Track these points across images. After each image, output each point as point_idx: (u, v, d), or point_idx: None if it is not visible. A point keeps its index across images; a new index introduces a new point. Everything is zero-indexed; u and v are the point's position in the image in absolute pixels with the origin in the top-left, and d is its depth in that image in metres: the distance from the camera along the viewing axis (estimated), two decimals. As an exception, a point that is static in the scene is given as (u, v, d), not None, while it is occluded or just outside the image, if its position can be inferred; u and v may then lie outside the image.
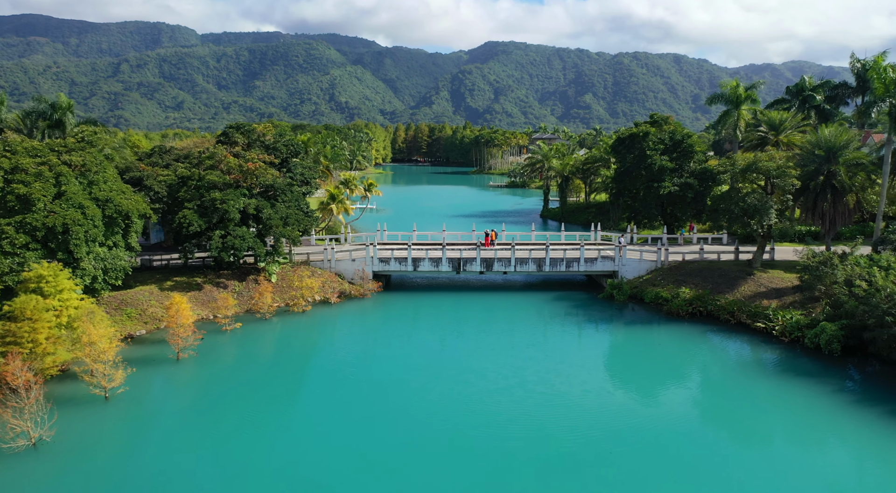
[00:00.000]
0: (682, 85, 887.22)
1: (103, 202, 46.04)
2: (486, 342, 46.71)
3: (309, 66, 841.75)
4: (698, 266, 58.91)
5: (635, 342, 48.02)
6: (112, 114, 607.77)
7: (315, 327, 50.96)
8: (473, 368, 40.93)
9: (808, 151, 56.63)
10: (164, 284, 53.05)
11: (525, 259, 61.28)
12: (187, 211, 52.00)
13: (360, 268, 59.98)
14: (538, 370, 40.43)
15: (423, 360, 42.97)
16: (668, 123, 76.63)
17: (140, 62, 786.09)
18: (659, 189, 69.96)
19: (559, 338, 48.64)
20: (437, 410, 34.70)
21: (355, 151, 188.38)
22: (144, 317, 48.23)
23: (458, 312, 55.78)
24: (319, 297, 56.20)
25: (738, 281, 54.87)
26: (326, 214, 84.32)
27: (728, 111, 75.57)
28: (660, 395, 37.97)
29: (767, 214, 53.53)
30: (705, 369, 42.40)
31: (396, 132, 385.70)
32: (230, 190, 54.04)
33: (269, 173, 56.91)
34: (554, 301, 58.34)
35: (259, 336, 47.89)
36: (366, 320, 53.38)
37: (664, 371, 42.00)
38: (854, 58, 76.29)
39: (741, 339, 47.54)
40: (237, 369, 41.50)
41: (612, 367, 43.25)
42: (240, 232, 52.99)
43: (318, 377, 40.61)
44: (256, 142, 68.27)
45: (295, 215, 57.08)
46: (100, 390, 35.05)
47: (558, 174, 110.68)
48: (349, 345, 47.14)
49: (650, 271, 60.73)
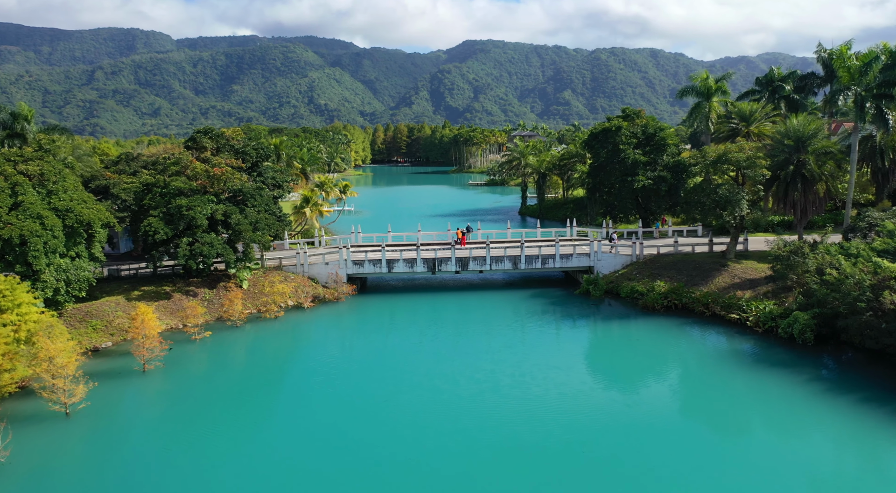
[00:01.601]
0: (660, 79, 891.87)
1: (63, 212, 44.93)
2: (462, 345, 46.04)
3: (287, 70, 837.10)
4: (673, 259, 58.72)
5: (612, 339, 47.69)
6: (87, 122, 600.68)
7: (287, 333, 50.13)
8: (449, 372, 40.18)
9: (777, 142, 56.62)
10: (132, 294, 51.99)
11: (500, 257, 60.79)
12: (153, 219, 50.97)
13: (333, 271, 59.19)
14: (514, 374, 39.68)
15: (399, 365, 42.25)
16: (641, 116, 76.47)
17: (115, 69, 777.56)
18: (633, 183, 69.77)
19: (536, 338, 48.13)
20: (411, 418, 34.02)
21: (333, 153, 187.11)
22: (110, 328, 47.16)
23: (434, 313, 55.16)
24: (292, 302, 55.39)
25: (712, 273, 54.72)
26: (300, 217, 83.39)
27: (699, 103, 75.51)
28: (638, 392, 37.58)
29: (739, 205, 53.42)
30: (682, 363, 42.12)
31: (375, 133, 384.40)
32: (197, 196, 53.06)
33: (236, 178, 55.99)
34: (530, 299, 57.90)
35: (229, 344, 46.99)
36: (340, 324, 52.62)
37: (641, 367, 41.65)
38: (820, 48, 76.33)
39: (716, 331, 47.34)
40: (206, 380, 40.62)
41: (589, 366, 42.77)
42: (208, 239, 52.04)
43: (291, 386, 39.83)
44: (225, 146, 67.33)
45: (265, 220, 56.21)
46: (60, 407, 34.05)
47: (535, 171, 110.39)
48: (322, 351, 46.38)
49: (626, 266, 60.46)
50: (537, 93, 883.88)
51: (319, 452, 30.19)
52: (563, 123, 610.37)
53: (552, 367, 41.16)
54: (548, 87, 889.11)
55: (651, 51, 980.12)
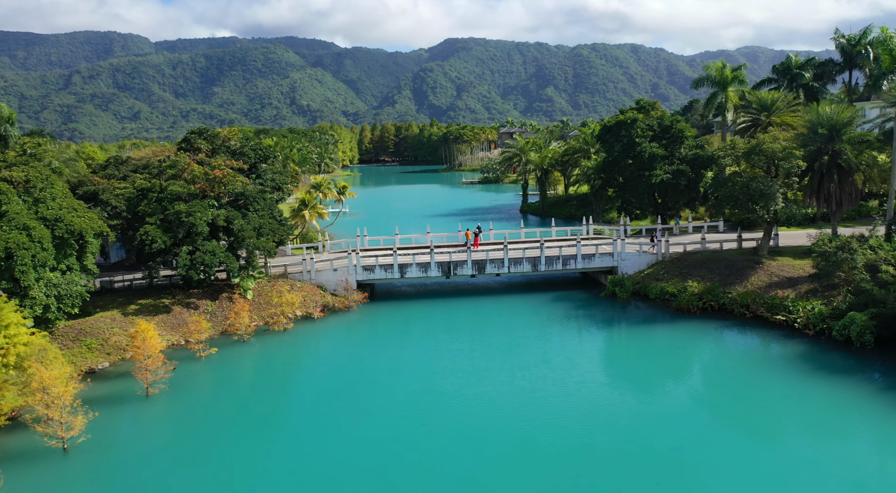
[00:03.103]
0: (641, 74, 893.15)
1: (52, 222, 40.96)
2: (484, 359, 42.37)
3: (268, 71, 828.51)
4: (701, 257, 55.62)
5: (647, 345, 44.36)
6: (66, 127, 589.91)
7: (298, 347, 46.41)
8: (474, 390, 36.75)
9: (810, 131, 53.69)
10: (128, 308, 48.01)
11: (519, 259, 57.36)
12: (149, 226, 47.02)
13: (342, 278, 55.49)
14: (544, 391, 36.08)
15: (416, 382, 38.52)
16: (656, 108, 73.40)
17: (92, 73, 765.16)
18: (651, 178, 66.59)
19: (564, 347, 44.61)
20: (431, 440, 30.65)
21: (322, 153, 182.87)
22: (107, 347, 43.21)
23: (450, 321, 51.59)
24: (301, 312, 51.65)
25: (746, 271, 51.67)
26: (299, 220, 79.50)
27: (715, 94, 72.65)
28: (683, 403, 34.28)
29: (774, 198, 50.43)
30: (731, 370, 38.86)
31: (362, 133, 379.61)
32: (196, 201, 49.17)
33: (238, 181, 52.16)
34: (552, 303, 54.48)
35: (237, 362, 43.21)
36: (353, 335, 48.94)
37: (683, 375, 38.53)
38: (838, 34, 73.92)
39: (761, 334, 44.20)
40: (215, 403, 36.84)
41: (624, 376, 39.38)
42: (209, 247, 48.20)
43: (305, 406, 36.10)
44: (221, 147, 63.54)
45: (269, 225, 52.46)
46: (56, 441, 30.18)
47: (537, 168, 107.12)
48: (336, 367, 42.58)
49: (651, 265, 57.29)
50: (520, 90, 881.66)
51: (340, 479, 26.64)
52: (546, 119, 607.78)
53: (584, 378, 37.84)
54: (530, 84, 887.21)
55: (632, 46, 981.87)
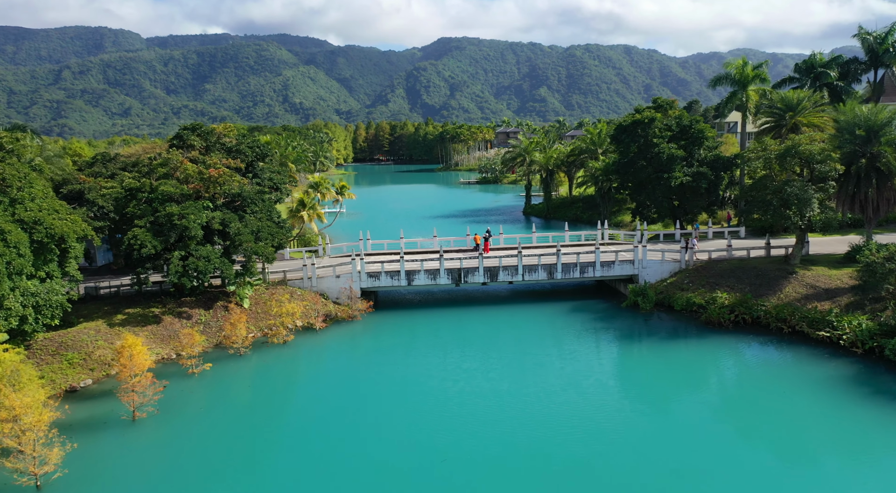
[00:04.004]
0: (634, 75, 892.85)
1: (31, 225, 37.16)
2: (499, 379, 38.74)
3: (260, 68, 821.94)
4: (728, 266, 52.26)
5: (676, 363, 40.76)
6: (55, 123, 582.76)
7: (298, 362, 42.69)
8: (487, 416, 33.26)
9: (846, 132, 50.38)
10: (114, 318, 44.17)
11: (534, 266, 53.81)
12: (138, 230, 43.18)
13: (346, 286, 51.79)
14: (566, 416, 32.66)
15: (425, 403, 34.99)
16: (674, 107, 70.06)
17: (83, 69, 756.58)
18: (670, 180, 63.19)
19: (585, 365, 40.88)
20: (441, 467, 27.18)
21: (317, 152, 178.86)
22: (90, 362, 39.39)
23: (460, 333, 47.82)
24: (302, 323, 47.95)
25: (779, 281, 48.34)
26: (297, 222, 75.72)
27: (734, 93, 69.34)
28: (720, 430, 30.93)
29: (809, 204, 47.14)
30: (773, 392, 35.32)
31: (357, 131, 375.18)
32: (189, 202, 45.39)
33: (234, 180, 48.39)
34: (570, 314, 50.96)
35: (233, 379, 39.44)
36: (357, 350, 45.18)
37: (720, 398, 35.23)
38: (863, 31, 70.84)
39: (803, 351, 40.76)
40: (207, 427, 33.07)
41: (653, 398, 35.74)
42: (203, 252, 44.44)
43: (305, 431, 32.37)
44: (216, 145, 59.62)
45: (267, 228, 48.72)
46: (28, 479, 26.44)
47: (542, 168, 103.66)
48: (339, 386, 38.75)
49: (674, 274, 53.90)
50: (513, 90, 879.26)
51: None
52: (539, 119, 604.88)
53: (612, 401, 34.43)
54: (524, 84, 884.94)
55: (625, 47, 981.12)
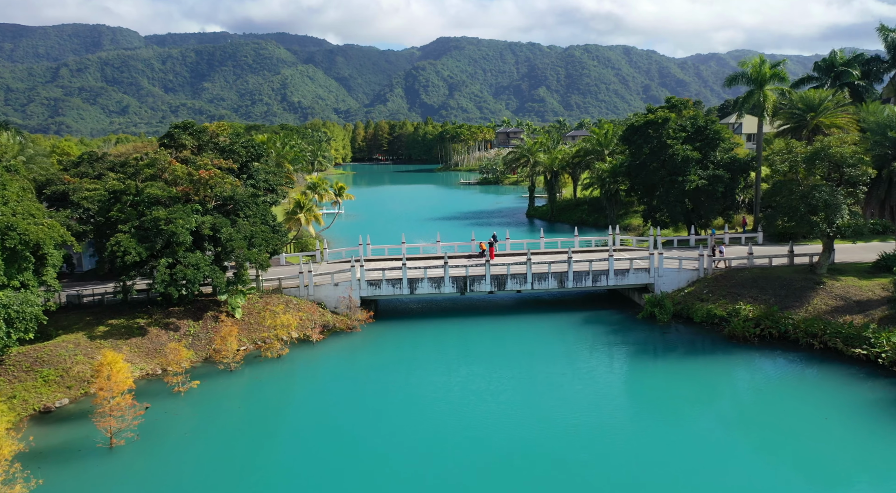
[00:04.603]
0: (633, 76, 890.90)
1: (3, 230, 34.15)
2: (508, 399, 35.90)
3: (259, 67, 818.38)
4: (750, 274, 49.34)
5: (701, 383, 37.82)
6: (52, 121, 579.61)
7: (294, 379, 39.69)
8: (494, 443, 30.45)
9: (876, 134, 47.58)
10: (96, 329, 41.15)
11: (543, 274, 50.85)
12: (122, 236, 40.14)
13: (345, 294, 48.82)
14: (586, 447, 30.01)
15: (429, 427, 32.21)
16: (689, 106, 67.14)
17: (80, 66, 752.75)
18: (684, 184, 60.28)
19: (600, 383, 38.05)
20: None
21: (316, 151, 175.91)
22: (67, 379, 36.39)
23: (465, 347, 44.88)
24: (297, 334, 44.95)
25: (806, 293, 45.44)
26: (294, 224, 72.84)
27: (751, 92, 66.39)
28: (754, 458, 27.97)
29: (839, 210, 44.26)
30: (806, 415, 32.39)
31: (356, 131, 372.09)
32: (178, 206, 42.39)
33: (226, 182, 45.38)
34: (582, 326, 47.99)
35: (223, 398, 36.42)
36: (356, 365, 42.09)
37: (750, 420, 32.27)
38: (885, 29, 68.09)
39: (837, 370, 37.80)
40: (192, 456, 30.08)
41: (676, 422, 32.83)
42: (192, 259, 41.44)
43: (302, 456, 29.49)
44: (208, 144, 56.69)
45: (262, 233, 45.73)
46: (-13, 522, 23.57)
47: (547, 170, 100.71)
48: (338, 405, 35.69)
49: (691, 283, 51.00)
50: (512, 90, 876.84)
51: None
52: (538, 119, 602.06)
53: (633, 425, 31.50)
54: (522, 84, 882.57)
55: (624, 48, 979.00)
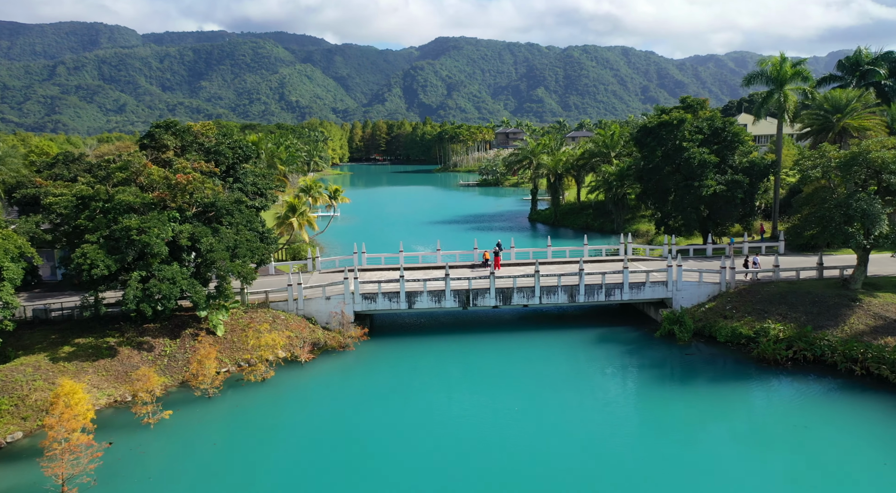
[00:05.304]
0: (632, 77, 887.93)
1: (-52, 242, 30.29)
2: (516, 432, 32.20)
3: (257, 66, 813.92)
4: (777, 289, 45.52)
5: (731, 412, 34.07)
6: (49, 119, 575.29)
7: (279, 406, 35.71)
8: (501, 478, 26.61)
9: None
10: (60, 350, 37.20)
11: (552, 287, 46.97)
12: (89, 247, 36.19)
13: (337, 309, 44.90)
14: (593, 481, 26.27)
15: (428, 461, 28.52)
16: (705, 107, 63.29)
17: (77, 64, 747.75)
18: (700, 189, 56.42)
19: (619, 415, 34.42)
20: None
21: (312, 151, 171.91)
22: (23, 409, 32.44)
23: (468, 370, 40.98)
24: (285, 354, 41.01)
25: (840, 310, 41.64)
26: (286, 229, 68.89)
27: (770, 92, 62.69)
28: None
29: (878, 220, 40.49)
30: (854, 455, 28.64)
31: (353, 130, 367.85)
32: (153, 214, 38.41)
33: (207, 187, 41.40)
34: (595, 346, 44.04)
35: (197, 431, 32.46)
36: (348, 389, 38.05)
37: (789, 459, 28.37)
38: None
39: (884, 400, 33.96)
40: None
41: (707, 459, 29.00)
42: (168, 272, 37.50)
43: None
44: (193, 145, 52.89)
45: (247, 243, 41.76)
46: None
47: (550, 172, 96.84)
48: (327, 435, 31.90)
49: (712, 297, 47.16)
50: (510, 90, 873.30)
51: None
52: (536, 120, 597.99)
53: (656, 465, 27.62)
54: (521, 84, 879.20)
55: (622, 49, 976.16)
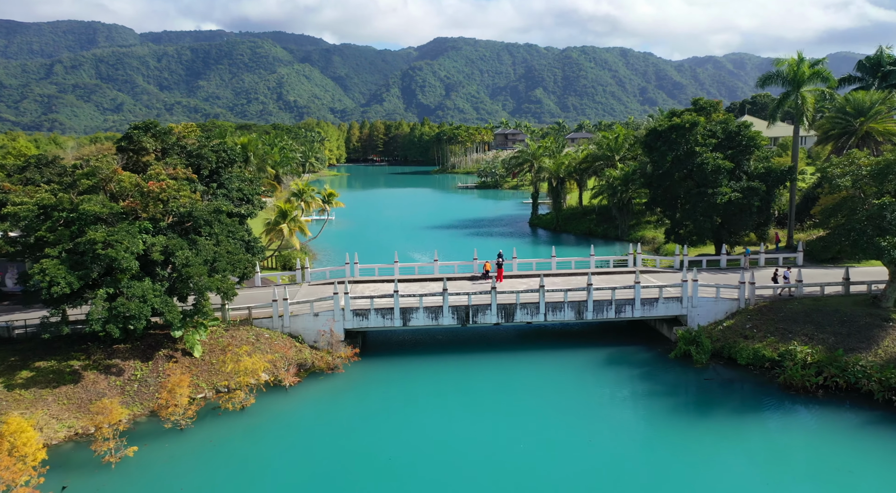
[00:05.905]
0: (630, 78, 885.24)
1: None
2: (515, 464, 28.91)
3: (255, 65, 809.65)
4: (801, 307, 42.16)
5: (758, 448, 30.71)
6: (46, 118, 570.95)
7: (258, 440, 32.17)
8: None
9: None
10: (18, 375, 33.74)
11: (558, 304, 43.54)
12: (48, 262, 32.73)
13: (326, 327, 41.46)
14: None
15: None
16: (718, 110, 59.92)
17: (75, 63, 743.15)
18: (715, 196, 53.09)
19: (633, 449, 31.13)
20: None
21: (307, 152, 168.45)
22: (-30, 447, 29.01)
23: (468, 395, 37.55)
24: (268, 377, 37.60)
25: (872, 331, 38.31)
26: (276, 235, 65.56)
27: (787, 94, 59.32)
28: None
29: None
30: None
31: (350, 131, 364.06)
32: (123, 225, 34.99)
33: (183, 195, 37.96)
34: (604, 369, 40.64)
35: (164, 471, 28.93)
36: (337, 418, 34.56)
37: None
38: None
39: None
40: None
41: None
42: (138, 289, 34.05)
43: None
44: (174, 148, 49.45)
45: (227, 256, 38.32)
46: None
47: (552, 176, 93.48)
48: (312, 472, 28.60)
49: (730, 315, 43.77)
50: (509, 91, 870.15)
51: None
52: (535, 120, 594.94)
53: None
54: (519, 85, 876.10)
55: (621, 50, 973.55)
